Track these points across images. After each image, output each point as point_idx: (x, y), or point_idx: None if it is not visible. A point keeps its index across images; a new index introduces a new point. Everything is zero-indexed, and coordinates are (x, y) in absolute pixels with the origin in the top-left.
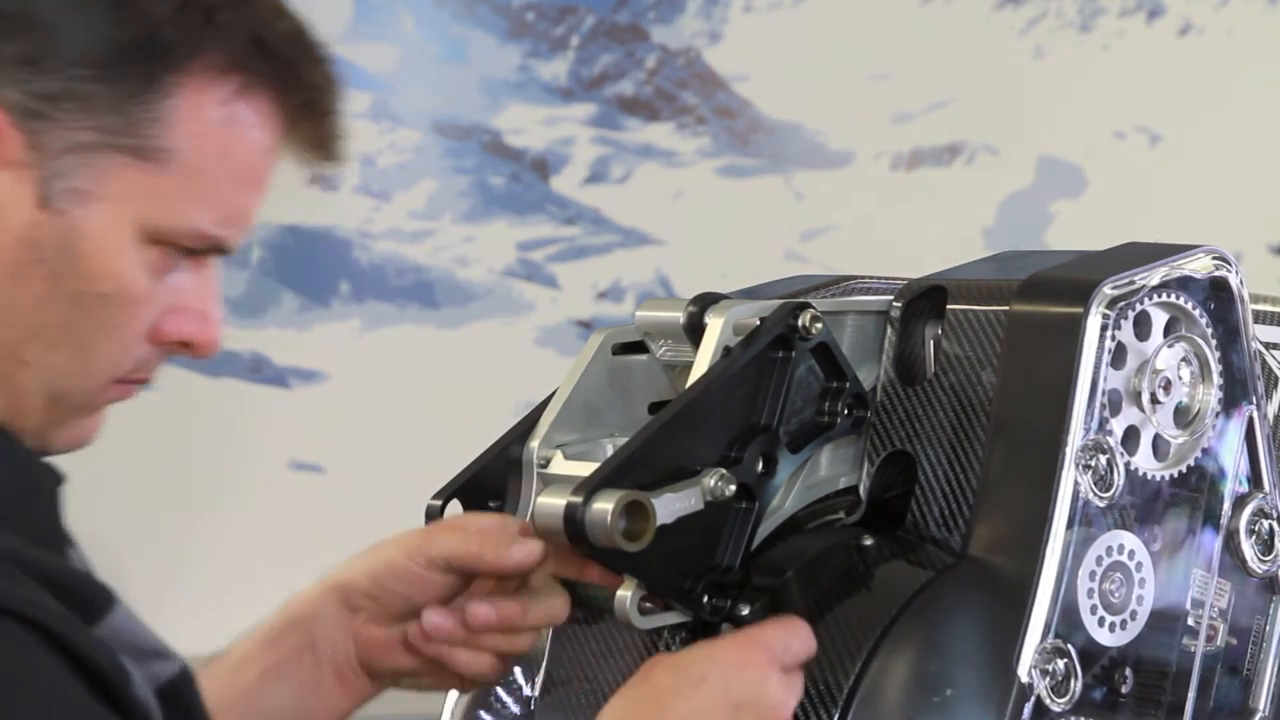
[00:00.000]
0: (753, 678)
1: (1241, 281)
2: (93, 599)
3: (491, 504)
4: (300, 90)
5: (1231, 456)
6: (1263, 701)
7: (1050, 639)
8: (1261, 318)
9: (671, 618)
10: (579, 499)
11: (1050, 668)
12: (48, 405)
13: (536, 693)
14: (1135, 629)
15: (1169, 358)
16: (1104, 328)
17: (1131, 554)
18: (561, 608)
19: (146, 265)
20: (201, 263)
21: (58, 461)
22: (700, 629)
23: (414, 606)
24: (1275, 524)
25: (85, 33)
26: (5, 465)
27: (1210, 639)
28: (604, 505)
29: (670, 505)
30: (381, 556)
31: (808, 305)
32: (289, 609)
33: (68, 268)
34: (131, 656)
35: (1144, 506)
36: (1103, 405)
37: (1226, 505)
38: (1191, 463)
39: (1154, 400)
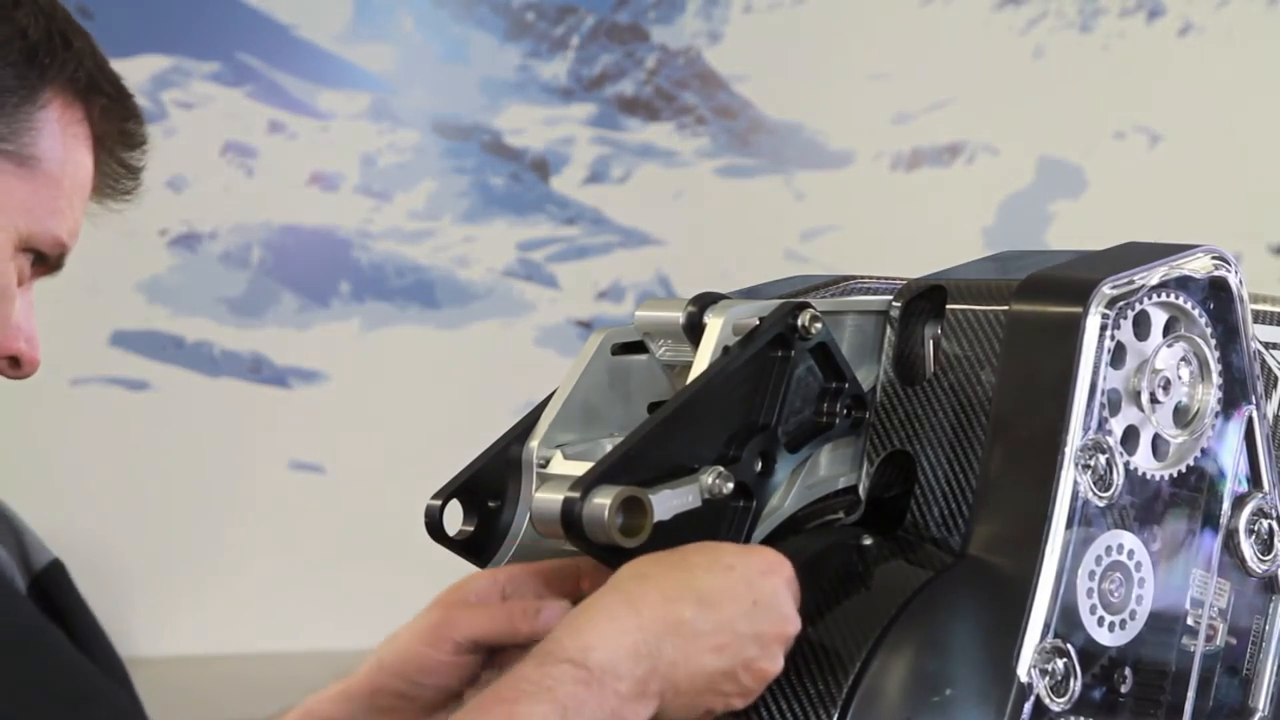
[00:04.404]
0: (774, 585)
1: (1241, 281)
2: None
3: (491, 504)
4: (128, 122)
5: (1231, 456)
6: (1262, 701)
7: (1050, 638)
8: (1261, 318)
9: None
10: (576, 494)
11: (1050, 667)
12: None
13: None
14: (1135, 629)
15: (1168, 357)
16: (1103, 327)
17: (1131, 554)
18: None
19: (17, 270)
20: (29, 285)
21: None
22: None
23: (445, 694)
24: (1274, 523)
25: None
26: None
27: (1209, 639)
28: (601, 501)
29: (668, 502)
30: (408, 652)
31: (807, 305)
32: (313, 710)
33: None
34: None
35: (1143, 506)
36: (1102, 405)
37: (1226, 505)
38: (1191, 462)
39: (1153, 400)
